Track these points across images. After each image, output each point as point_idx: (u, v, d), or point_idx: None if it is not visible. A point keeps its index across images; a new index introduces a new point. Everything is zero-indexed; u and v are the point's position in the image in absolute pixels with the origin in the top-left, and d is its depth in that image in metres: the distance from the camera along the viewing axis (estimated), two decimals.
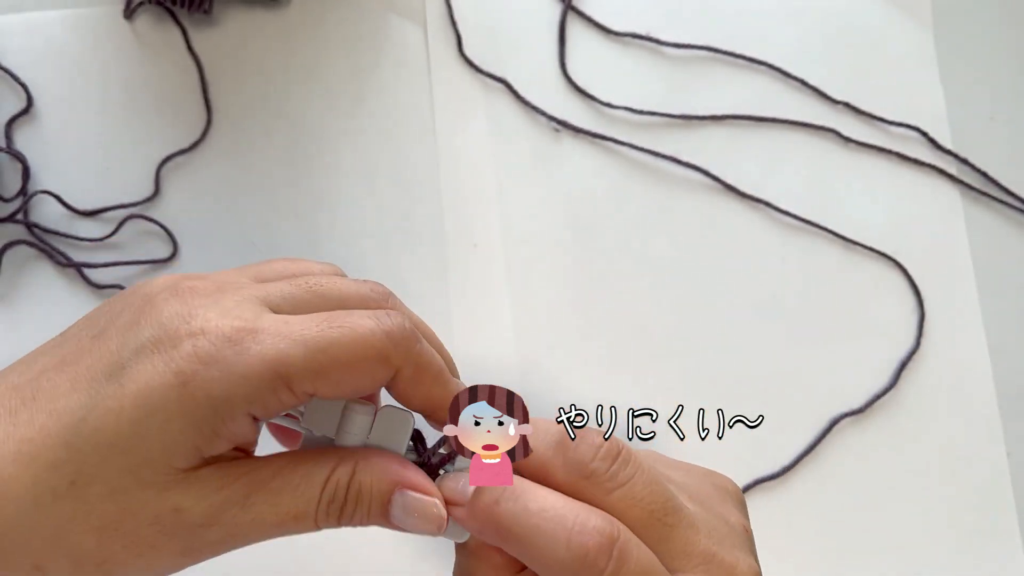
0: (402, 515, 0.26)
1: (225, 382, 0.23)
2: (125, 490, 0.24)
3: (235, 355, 0.24)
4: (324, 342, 0.24)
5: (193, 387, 0.23)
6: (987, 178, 0.49)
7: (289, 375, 0.24)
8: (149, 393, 0.23)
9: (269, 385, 0.24)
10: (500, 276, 0.47)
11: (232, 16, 0.49)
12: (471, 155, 0.48)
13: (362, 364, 0.25)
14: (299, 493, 0.25)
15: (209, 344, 0.24)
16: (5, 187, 0.47)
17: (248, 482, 0.25)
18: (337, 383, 0.25)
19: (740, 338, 0.47)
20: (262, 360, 0.24)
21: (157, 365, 0.24)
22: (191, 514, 0.24)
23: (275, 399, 0.24)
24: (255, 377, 0.24)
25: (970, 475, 0.45)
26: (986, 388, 0.46)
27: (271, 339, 0.24)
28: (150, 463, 0.24)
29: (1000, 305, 0.47)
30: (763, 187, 0.48)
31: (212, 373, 0.23)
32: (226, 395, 0.23)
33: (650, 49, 0.50)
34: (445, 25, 0.50)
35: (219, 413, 0.24)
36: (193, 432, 0.24)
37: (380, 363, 0.25)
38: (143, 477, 0.24)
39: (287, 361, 0.24)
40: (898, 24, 0.50)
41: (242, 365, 0.24)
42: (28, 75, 0.48)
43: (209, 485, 0.24)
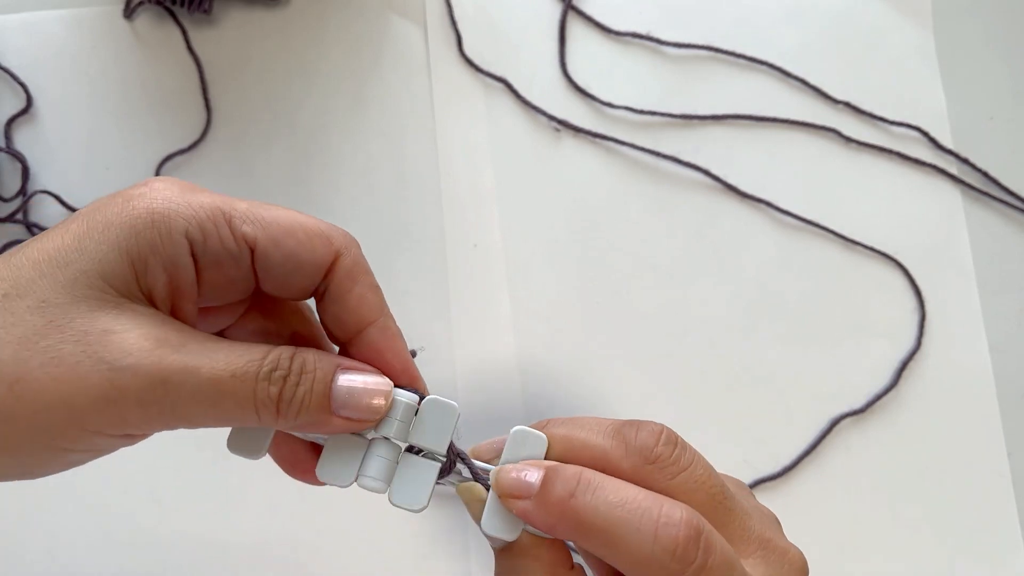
0: (344, 401, 0.25)
1: (166, 201, 0.25)
2: (56, 303, 0.23)
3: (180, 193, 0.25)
4: (272, 205, 0.26)
5: (136, 202, 0.24)
6: (987, 178, 0.49)
7: (230, 212, 0.25)
8: (93, 212, 0.24)
9: (208, 214, 0.25)
10: (500, 276, 0.47)
11: (232, 16, 0.49)
12: (471, 155, 0.48)
13: (303, 230, 0.26)
14: (238, 352, 0.24)
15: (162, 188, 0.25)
16: (5, 187, 0.47)
17: (186, 331, 0.24)
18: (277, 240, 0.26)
19: (740, 338, 0.47)
20: (205, 196, 0.25)
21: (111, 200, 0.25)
22: (120, 339, 0.23)
23: (213, 228, 0.25)
24: (196, 204, 0.25)
25: (970, 475, 0.45)
26: (987, 388, 0.46)
27: (221, 195, 0.26)
28: (85, 275, 0.23)
29: (1001, 304, 0.47)
30: (763, 187, 0.48)
31: (157, 195, 0.25)
32: (166, 209, 0.24)
33: (650, 49, 0.50)
34: (445, 25, 0.50)
35: (156, 225, 0.24)
36: (130, 244, 0.24)
37: (321, 237, 0.26)
38: (76, 291, 0.23)
39: (229, 202, 0.25)
40: (898, 24, 0.50)
41: (186, 197, 0.25)
42: (28, 75, 0.48)
43: (144, 318, 0.24)
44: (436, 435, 0.27)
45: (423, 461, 0.27)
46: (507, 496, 0.26)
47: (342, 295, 0.27)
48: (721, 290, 0.47)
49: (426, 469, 0.27)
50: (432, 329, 0.46)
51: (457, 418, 0.28)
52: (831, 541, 0.45)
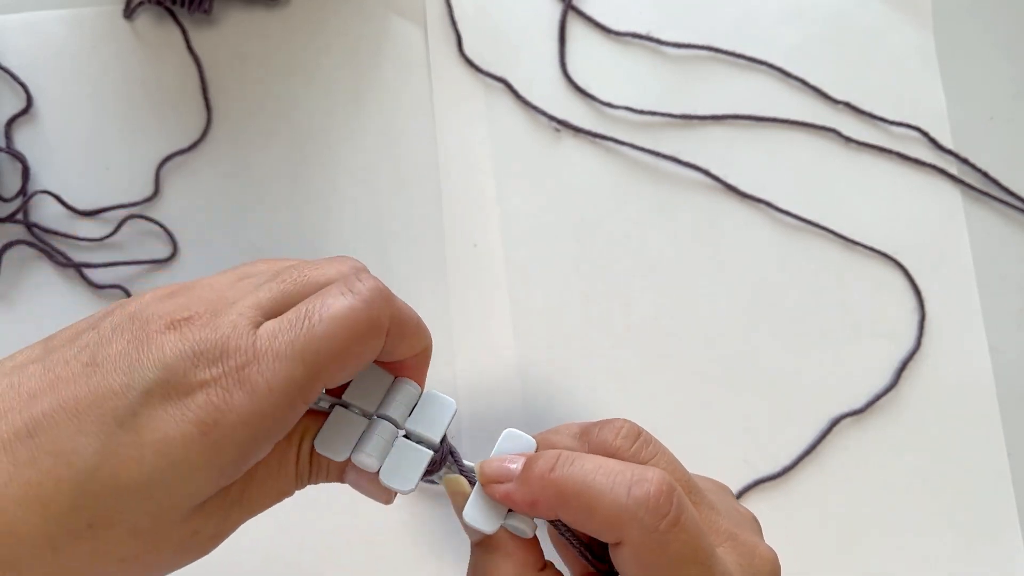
0: (355, 481, 0.29)
1: (247, 425, 0.24)
2: (147, 530, 0.24)
3: (247, 395, 0.24)
4: (316, 344, 0.25)
5: (216, 436, 0.24)
6: (987, 178, 0.49)
7: (301, 391, 0.25)
8: (170, 445, 0.23)
9: (287, 408, 0.25)
10: (500, 276, 0.47)
11: (232, 16, 0.49)
12: (471, 155, 0.48)
13: (357, 344, 0.26)
14: (280, 476, 0.27)
15: (221, 391, 0.24)
16: (5, 187, 0.47)
17: (241, 482, 0.26)
18: (342, 371, 0.26)
19: (740, 338, 0.47)
20: (271, 391, 0.24)
21: (174, 415, 0.24)
22: (205, 532, 0.25)
23: (294, 415, 0.25)
24: (271, 409, 0.24)
25: (970, 475, 0.45)
26: (987, 388, 0.46)
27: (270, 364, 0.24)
28: (174, 507, 0.24)
29: (1001, 305, 0.47)
30: (763, 187, 0.48)
31: (230, 419, 0.24)
32: (249, 436, 0.24)
33: (650, 49, 0.50)
34: (445, 25, 0.50)
35: (245, 453, 0.24)
36: (219, 477, 0.24)
37: (372, 333, 0.26)
38: (165, 518, 0.24)
39: (293, 380, 0.24)
40: (898, 24, 0.50)
41: (256, 403, 0.24)
42: (28, 75, 0.48)
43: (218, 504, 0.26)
44: (432, 425, 0.29)
45: (416, 448, 0.28)
46: (490, 482, 0.28)
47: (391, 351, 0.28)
48: (721, 290, 0.47)
49: (418, 455, 0.28)
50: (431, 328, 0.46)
51: (453, 413, 0.29)
52: (831, 541, 0.45)
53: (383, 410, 0.28)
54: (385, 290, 0.27)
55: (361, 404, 0.28)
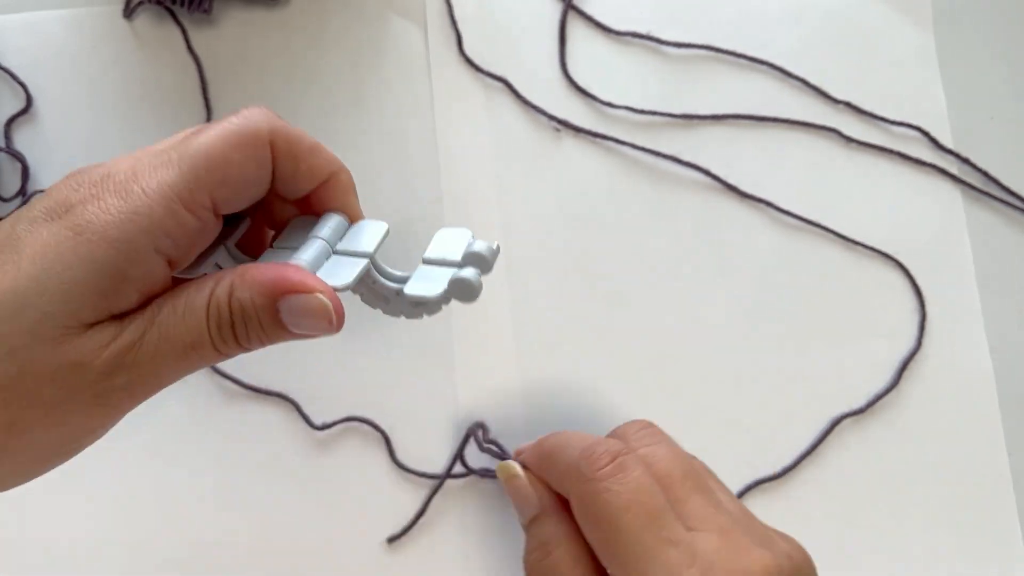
0: (292, 319, 0.26)
1: (121, 223, 0.24)
2: (22, 348, 0.23)
3: (123, 201, 0.24)
4: (193, 150, 0.25)
5: (89, 233, 0.23)
6: (988, 177, 0.48)
7: (178, 194, 0.25)
8: (45, 248, 0.23)
9: (164, 212, 0.24)
10: (500, 276, 0.47)
11: (232, 16, 0.49)
12: (471, 155, 0.48)
13: (234, 150, 0.26)
14: (186, 323, 0.25)
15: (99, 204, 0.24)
16: (4, 187, 0.47)
17: (140, 321, 0.25)
18: (224, 181, 0.26)
19: (741, 338, 0.47)
20: (146, 192, 0.24)
21: (52, 228, 0.24)
22: (91, 368, 0.24)
23: (175, 223, 0.25)
24: (145, 209, 0.24)
25: (971, 475, 0.45)
26: (987, 388, 0.46)
27: (148, 176, 0.25)
28: (50, 317, 0.23)
29: (1001, 305, 0.47)
30: (764, 187, 0.48)
31: (106, 219, 0.24)
32: (125, 235, 0.24)
33: (651, 49, 0.50)
34: (445, 25, 0.50)
35: (122, 252, 0.24)
36: (97, 278, 0.23)
37: (250, 141, 0.26)
38: (41, 333, 0.23)
39: (168, 183, 0.25)
40: (899, 24, 0.50)
41: (130, 203, 0.24)
42: (27, 75, 0.48)
43: (106, 334, 0.24)
44: (363, 242, 0.29)
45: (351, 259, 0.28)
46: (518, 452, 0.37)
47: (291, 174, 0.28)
48: (721, 290, 0.47)
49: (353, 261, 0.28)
50: (431, 328, 0.46)
51: (385, 232, 0.29)
52: (831, 541, 0.45)
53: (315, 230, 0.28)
54: (270, 111, 0.27)
55: (289, 244, 0.28)
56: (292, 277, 0.26)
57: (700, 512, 0.29)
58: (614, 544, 0.28)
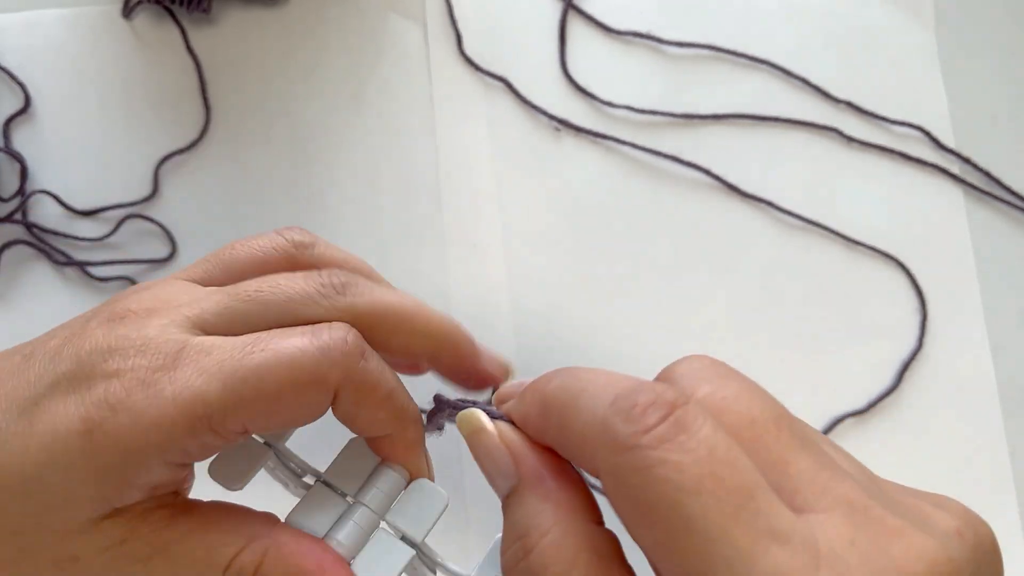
0: None
1: (134, 430, 0.21)
2: (24, 533, 0.22)
3: (146, 399, 0.22)
4: (245, 371, 0.22)
5: (99, 435, 0.21)
6: (990, 177, 0.48)
7: (209, 415, 0.22)
8: (54, 438, 0.22)
9: (186, 429, 0.22)
10: (500, 276, 0.47)
11: (231, 15, 0.49)
12: (471, 155, 0.48)
13: (292, 390, 0.22)
14: (199, 569, 0.23)
15: (121, 388, 0.22)
16: (3, 187, 0.47)
17: (151, 542, 0.23)
18: (267, 415, 0.23)
19: (741, 337, 0.47)
20: (175, 403, 0.22)
21: (68, 407, 0.22)
22: (90, 564, 0.23)
23: (196, 442, 0.22)
24: (168, 423, 0.22)
25: (972, 475, 0.45)
26: (989, 388, 0.46)
27: (186, 376, 0.22)
28: (52, 510, 0.22)
29: (1003, 305, 0.47)
30: (765, 186, 0.48)
31: (121, 420, 0.21)
32: (136, 445, 0.22)
33: (651, 48, 0.50)
34: (445, 24, 0.50)
35: (128, 463, 0.22)
36: (98, 482, 0.22)
37: (314, 387, 0.23)
38: (43, 522, 0.22)
39: (204, 400, 0.22)
40: (900, 23, 0.50)
41: (154, 410, 0.21)
42: (26, 74, 0.48)
43: (111, 537, 0.23)
44: (417, 521, 0.25)
45: (397, 544, 0.25)
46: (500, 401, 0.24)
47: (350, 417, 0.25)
48: (721, 290, 0.47)
49: (397, 554, 0.25)
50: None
51: (443, 509, 0.26)
52: None
53: (362, 496, 0.25)
54: (354, 344, 0.23)
55: (340, 484, 0.25)
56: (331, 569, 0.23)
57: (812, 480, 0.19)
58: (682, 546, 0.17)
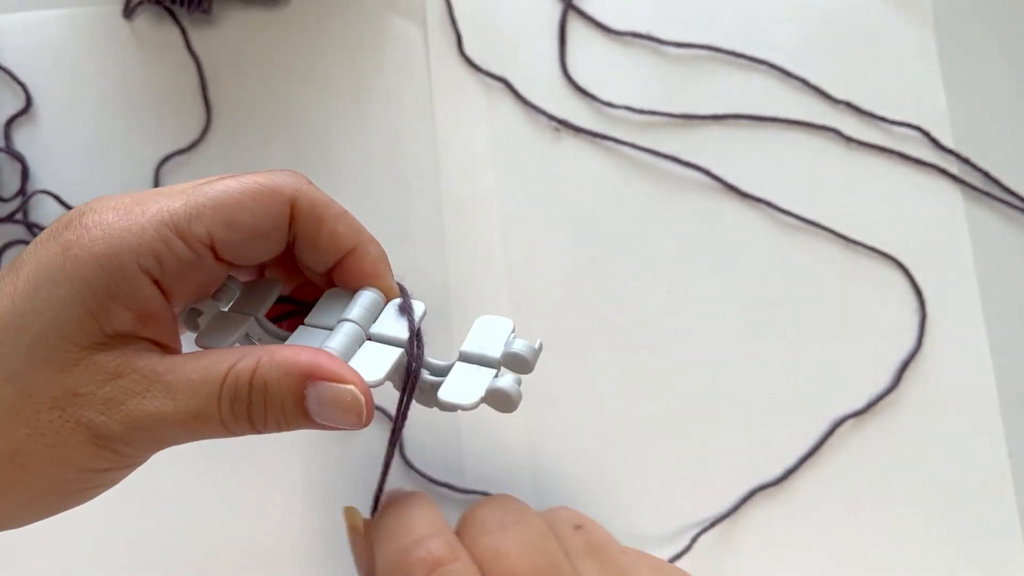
0: (319, 409, 0.24)
1: (107, 238, 0.23)
2: (21, 371, 0.22)
3: (117, 216, 0.23)
4: (206, 188, 0.25)
5: (76, 249, 0.23)
6: (989, 177, 0.48)
7: (175, 220, 0.24)
8: (37, 268, 0.23)
9: (155, 234, 0.23)
10: (500, 276, 0.47)
11: (231, 16, 0.49)
12: (471, 155, 0.48)
13: (251, 197, 0.25)
14: (196, 389, 0.23)
15: (94, 215, 0.24)
16: (4, 187, 0.47)
17: (146, 373, 0.23)
18: (229, 222, 0.24)
19: (741, 338, 0.47)
20: (144, 214, 0.24)
21: (48, 246, 0.23)
22: (89, 399, 0.23)
23: (166, 248, 0.24)
24: (137, 228, 0.23)
25: (971, 475, 0.45)
26: (988, 388, 0.46)
27: (155, 199, 0.24)
28: (44, 339, 0.23)
29: (1002, 305, 0.47)
30: (764, 187, 0.48)
31: (95, 234, 0.23)
32: (110, 250, 0.23)
33: (651, 48, 0.50)
34: (445, 25, 0.50)
35: (106, 269, 0.23)
36: (84, 297, 0.23)
37: (270, 194, 0.25)
38: (38, 355, 0.23)
39: (168, 209, 0.24)
40: (899, 23, 0.50)
41: (124, 221, 0.23)
42: (27, 75, 0.48)
43: (105, 369, 0.23)
44: (398, 326, 0.27)
45: (385, 347, 0.26)
46: None
47: (312, 238, 0.27)
48: (721, 290, 0.47)
49: (387, 351, 0.26)
50: (432, 329, 0.46)
51: (423, 314, 0.28)
52: (832, 543, 0.45)
53: (343, 316, 0.27)
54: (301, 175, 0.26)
55: (321, 322, 0.27)
56: (325, 364, 0.24)
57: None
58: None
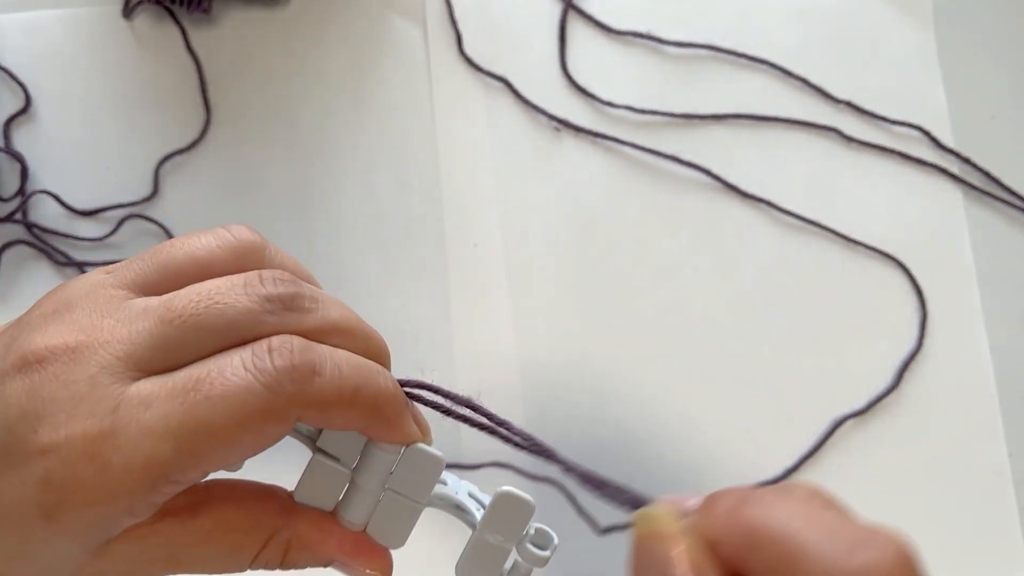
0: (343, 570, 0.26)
1: (95, 506, 0.21)
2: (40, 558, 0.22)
3: (96, 475, 0.20)
4: (193, 424, 0.21)
5: (63, 517, 0.21)
6: (989, 177, 0.48)
7: (165, 474, 0.21)
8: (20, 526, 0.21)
9: (145, 492, 0.21)
10: (500, 276, 0.47)
11: (231, 16, 0.49)
12: (471, 155, 0.48)
13: (247, 433, 0.21)
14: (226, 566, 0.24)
15: (63, 466, 0.20)
16: (4, 187, 0.47)
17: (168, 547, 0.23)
18: (225, 459, 0.22)
19: (741, 338, 0.47)
20: (128, 471, 0.20)
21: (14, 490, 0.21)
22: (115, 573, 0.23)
23: (160, 496, 0.22)
24: (126, 491, 0.21)
25: (972, 475, 0.45)
26: (988, 388, 0.46)
27: (131, 439, 0.21)
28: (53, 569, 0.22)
29: (1002, 305, 0.47)
30: (764, 186, 0.48)
31: (76, 501, 0.20)
32: (100, 517, 0.21)
33: (651, 48, 0.50)
34: (445, 24, 0.50)
35: (102, 531, 0.22)
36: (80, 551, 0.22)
37: (271, 423, 0.22)
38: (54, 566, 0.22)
39: (158, 462, 0.21)
40: (899, 23, 0.50)
41: (107, 484, 0.20)
42: (26, 74, 0.48)
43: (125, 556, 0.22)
44: (417, 487, 0.25)
45: (404, 502, 0.25)
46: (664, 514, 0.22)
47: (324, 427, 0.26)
48: (721, 290, 0.47)
49: (407, 511, 0.25)
50: (432, 329, 0.46)
51: (441, 469, 0.26)
52: None
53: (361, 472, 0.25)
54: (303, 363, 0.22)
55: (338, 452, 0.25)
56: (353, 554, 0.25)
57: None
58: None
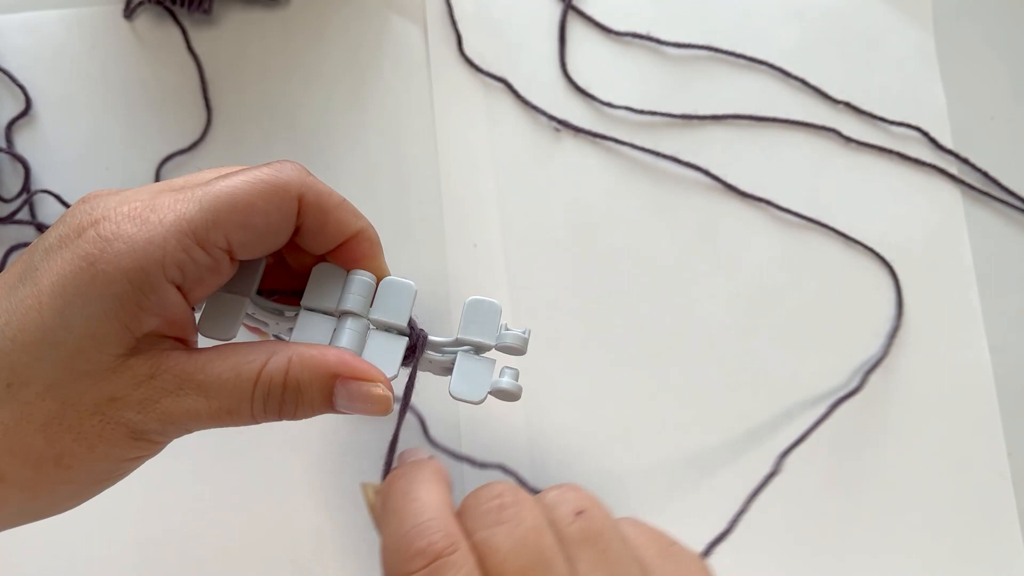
0: (347, 403, 0.26)
1: (132, 252, 0.24)
2: (61, 383, 0.24)
3: (136, 228, 0.24)
4: (217, 190, 0.25)
5: (102, 264, 0.24)
6: (988, 178, 0.49)
7: (194, 229, 0.25)
8: (63, 281, 0.24)
9: (177, 244, 0.24)
10: (500, 276, 0.47)
11: (232, 16, 0.49)
12: (471, 155, 0.48)
13: (262, 198, 0.26)
14: (228, 389, 0.25)
15: (111, 224, 0.24)
16: (6, 188, 0.47)
17: (177, 373, 0.25)
18: (244, 225, 0.26)
19: (740, 337, 0.47)
20: (162, 224, 0.24)
21: (65, 256, 0.24)
22: (127, 401, 0.24)
23: (188, 258, 0.25)
24: (160, 239, 0.24)
25: (970, 475, 0.45)
26: (987, 388, 0.46)
27: (166, 205, 0.25)
28: (81, 352, 0.24)
29: (1000, 305, 0.47)
30: (763, 186, 0.48)
31: (118, 247, 0.24)
32: (137, 264, 0.24)
33: (651, 49, 0.50)
34: (445, 25, 0.50)
35: (135, 284, 0.24)
36: (116, 310, 0.24)
37: (280, 192, 0.26)
38: (76, 367, 0.24)
39: (187, 218, 0.25)
40: (899, 24, 0.50)
41: (145, 233, 0.24)
42: (27, 75, 0.48)
43: (140, 372, 0.25)
44: (396, 311, 0.29)
45: (390, 336, 0.29)
46: None
47: (318, 227, 0.28)
48: (721, 290, 0.47)
49: (393, 343, 0.29)
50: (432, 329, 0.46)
51: (414, 295, 0.30)
52: (830, 543, 0.45)
53: (343, 306, 0.29)
54: (302, 167, 0.27)
55: (321, 305, 0.29)
56: (352, 364, 0.27)
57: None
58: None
